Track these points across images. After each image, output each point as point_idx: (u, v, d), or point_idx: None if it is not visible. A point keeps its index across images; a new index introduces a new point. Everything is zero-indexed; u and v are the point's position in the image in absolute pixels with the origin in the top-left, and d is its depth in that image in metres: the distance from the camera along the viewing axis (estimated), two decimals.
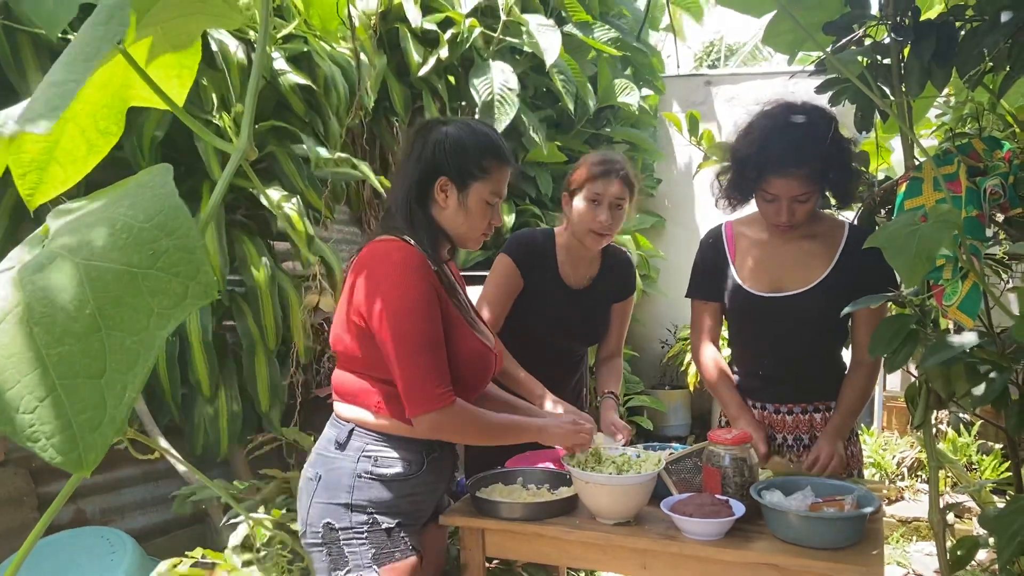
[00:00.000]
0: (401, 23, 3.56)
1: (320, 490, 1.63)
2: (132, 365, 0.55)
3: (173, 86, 0.94)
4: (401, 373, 1.55)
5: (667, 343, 5.52)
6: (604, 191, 2.18)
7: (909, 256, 1.32)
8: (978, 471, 4.04)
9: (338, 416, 1.71)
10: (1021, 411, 1.36)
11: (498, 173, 1.70)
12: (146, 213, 0.61)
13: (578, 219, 2.22)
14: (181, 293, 0.58)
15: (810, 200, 1.97)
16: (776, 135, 1.95)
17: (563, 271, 2.33)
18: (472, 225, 1.70)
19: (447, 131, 1.67)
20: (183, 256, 0.58)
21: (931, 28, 1.61)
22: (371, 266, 1.59)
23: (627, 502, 1.67)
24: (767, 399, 2.13)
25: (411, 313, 1.54)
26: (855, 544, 1.54)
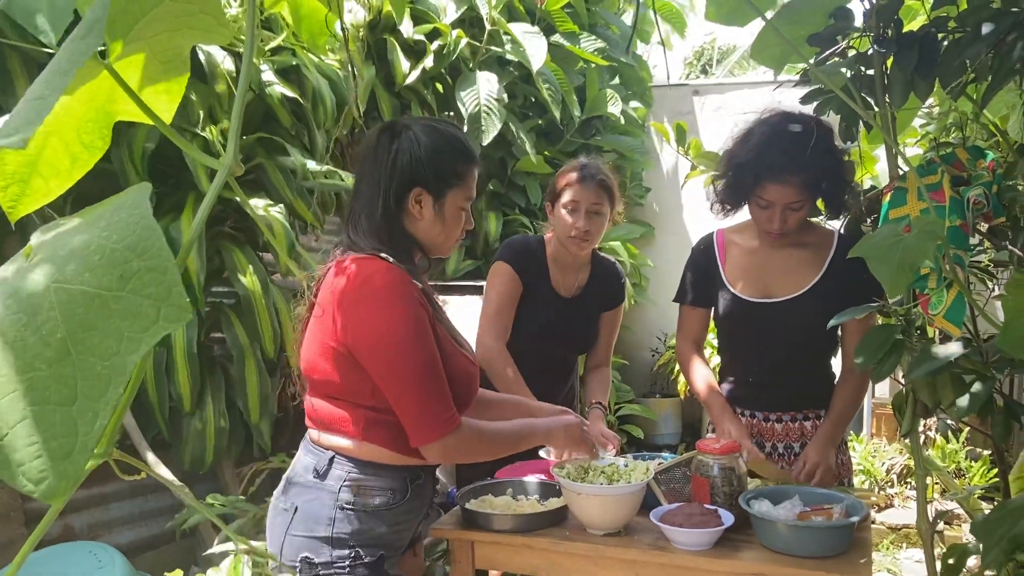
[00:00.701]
0: (389, 34, 3.57)
1: (297, 522, 1.52)
2: (103, 391, 0.54)
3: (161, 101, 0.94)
4: (403, 404, 1.47)
5: (657, 351, 5.53)
6: (581, 197, 2.21)
7: (892, 266, 1.33)
8: (967, 478, 4.05)
9: (316, 443, 1.59)
10: (1006, 419, 1.37)
11: (470, 177, 1.63)
12: (119, 234, 0.60)
13: (559, 227, 2.26)
14: (153, 316, 0.57)
15: (803, 208, 1.99)
16: (774, 142, 1.98)
17: (554, 279, 2.35)
18: (448, 234, 1.63)
19: (417, 137, 1.56)
20: (155, 277, 0.57)
21: (913, 40, 1.63)
22: (352, 291, 1.47)
23: (616, 512, 1.67)
24: (756, 407, 2.14)
25: (404, 340, 1.45)
26: (843, 553, 1.55)
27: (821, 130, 1.96)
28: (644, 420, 5.11)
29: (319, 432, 1.58)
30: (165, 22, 0.82)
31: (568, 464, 1.79)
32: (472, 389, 1.66)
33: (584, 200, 2.21)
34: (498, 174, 4.55)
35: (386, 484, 1.55)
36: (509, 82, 4.28)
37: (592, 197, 2.22)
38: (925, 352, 1.36)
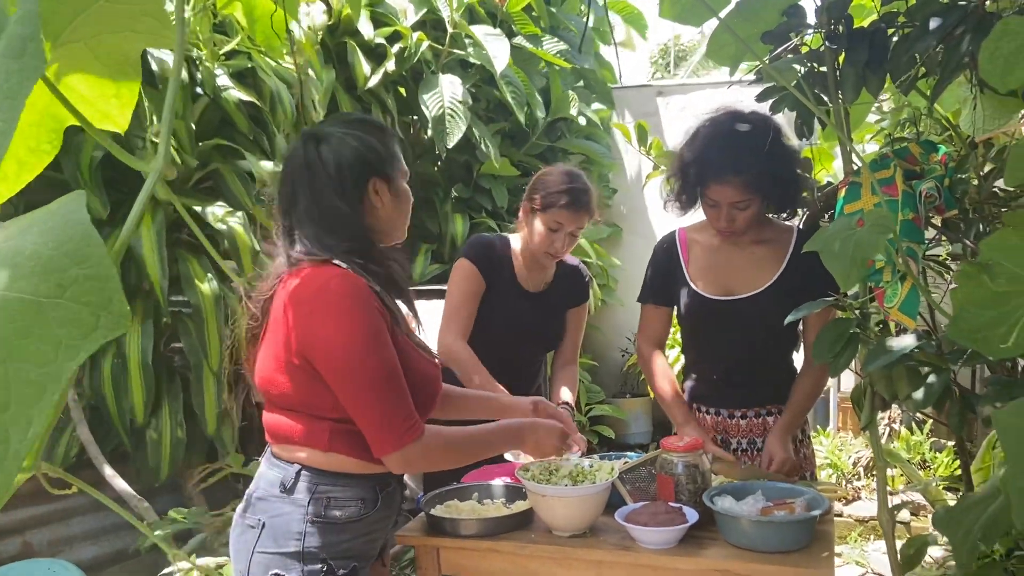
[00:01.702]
0: (350, 37, 3.55)
1: (265, 539, 1.47)
2: (38, 398, 0.53)
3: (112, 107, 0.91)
4: (362, 414, 1.44)
5: (627, 351, 5.55)
6: (566, 221, 2.22)
7: (845, 260, 1.34)
8: (932, 469, 4.11)
9: (279, 458, 1.54)
10: (962, 411, 1.38)
11: (399, 150, 1.63)
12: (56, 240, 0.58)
13: (536, 238, 2.26)
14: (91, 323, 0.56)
15: (750, 207, 2.00)
16: (717, 143, 1.99)
17: (520, 275, 2.35)
18: (402, 212, 1.62)
19: (350, 133, 1.54)
20: (94, 285, 0.56)
21: (864, 35, 1.64)
22: (306, 301, 1.44)
23: (581, 514, 1.67)
24: (720, 404, 2.15)
25: (361, 350, 1.41)
26: (806, 547, 1.56)
27: (765, 128, 1.98)
28: (615, 420, 5.12)
29: (281, 446, 1.54)
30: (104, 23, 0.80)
31: (532, 466, 1.78)
32: (434, 393, 1.63)
33: (569, 224, 2.23)
34: (463, 177, 4.53)
35: (355, 494, 1.51)
36: (472, 85, 4.27)
37: (577, 221, 2.24)
38: (880, 345, 1.37)
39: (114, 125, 0.83)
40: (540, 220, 2.24)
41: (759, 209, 2.04)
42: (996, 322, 1.17)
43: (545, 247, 2.24)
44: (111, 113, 0.83)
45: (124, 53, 0.78)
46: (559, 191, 2.21)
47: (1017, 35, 0.85)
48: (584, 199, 2.23)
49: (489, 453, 1.72)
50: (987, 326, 1.18)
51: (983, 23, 1.43)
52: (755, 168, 1.95)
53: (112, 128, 0.83)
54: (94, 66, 0.77)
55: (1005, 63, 0.85)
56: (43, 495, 2.70)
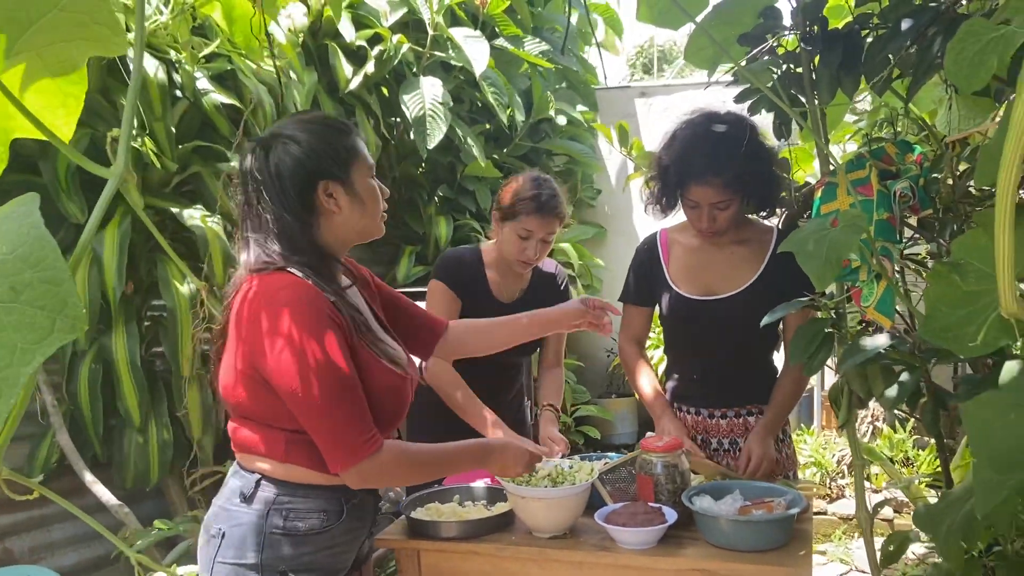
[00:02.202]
0: (331, 39, 3.54)
1: (225, 549, 1.44)
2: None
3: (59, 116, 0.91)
4: (315, 429, 1.39)
5: (612, 352, 5.56)
6: (536, 228, 2.20)
7: (820, 260, 1.35)
8: (914, 466, 4.14)
9: (241, 466, 1.51)
10: (935, 409, 1.39)
11: (361, 145, 1.54)
12: (9, 244, 0.58)
13: (508, 247, 2.25)
14: (47, 327, 0.56)
15: (730, 207, 2.01)
16: (695, 144, 2.00)
17: (494, 287, 2.34)
18: (371, 210, 1.54)
19: (293, 137, 1.47)
20: (49, 289, 0.56)
21: (838, 37, 1.66)
22: (257, 311, 1.39)
23: (561, 515, 1.67)
24: (701, 404, 2.16)
25: (313, 362, 1.35)
26: (784, 545, 1.56)
27: (743, 129, 1.99)
28: (601, 420, 5.13)
29: (243, 456, 1.51)
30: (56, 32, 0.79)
31: None
32: (402, 404, 1.56)
33: (539, 230, 2.21)
34: (447, 179, 4.53)
35: (317, 506, 1.46)
36: (455, 87, 4.27)
37: (547, 227, 2.22)
38: (855, 345, 1.38)
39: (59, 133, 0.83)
40: (510, 228, 2.22)
41: (739, 209, 2.05)
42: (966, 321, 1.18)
43: (517, 255, 2.23)
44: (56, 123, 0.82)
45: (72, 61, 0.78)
46: (526, 198, 2.19)
47: (980, 37, 0.85)
48: (552, 204, 2.21)
49: (454, 471, 1.69)
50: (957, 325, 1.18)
51: (954, 24, 1.44)
52: (733, 168, 1.96)
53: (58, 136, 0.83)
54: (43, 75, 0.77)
55: (969, 65, 0.86)
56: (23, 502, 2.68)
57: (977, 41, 0.85)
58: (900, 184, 1.63)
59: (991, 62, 0.84)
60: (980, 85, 0.85)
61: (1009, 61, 0.88)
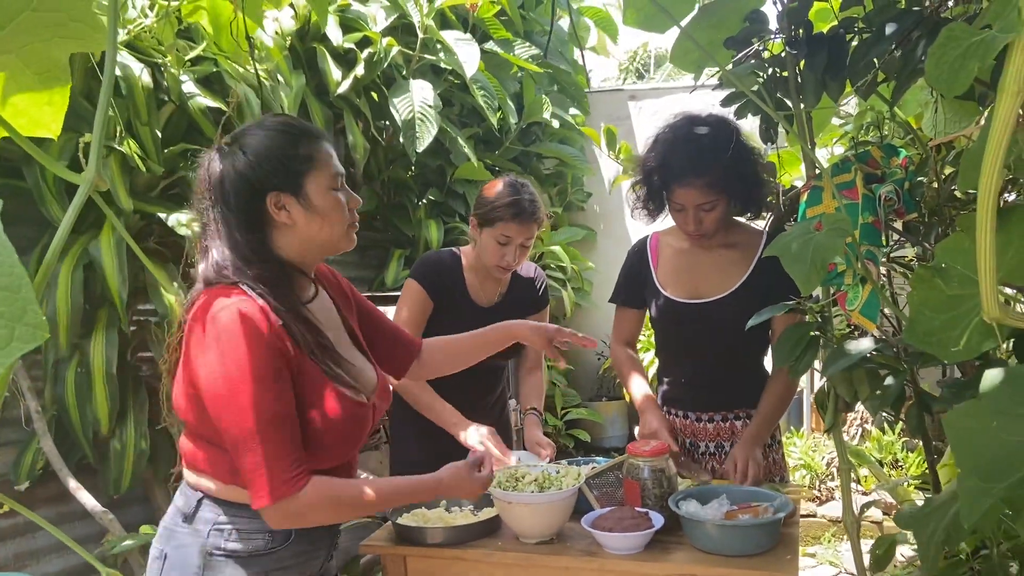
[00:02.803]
0: (319, 42, 3.53)
1: (168, 571, 1.38)
2: None
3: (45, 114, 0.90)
4: (239, 461, 1.31)
5: (602, 355, 5.55)
6: (515, 234, 2.19)
7: (805, 264, 1.35)
8: (903, 468, 4.15)
9: (188, 484, 1.45)
10: (919, 412, 1.39)
11: (322, 154, 1.42)
12: None
13: (487, 252, 2.23)
14: (6, 336, 0.54)
15: (715, 209, 2.02)
16: (677, 147, 2.01)
17: (472, 291, 2.34)
18: (332, 222, 1.42)
19: (244, 145, 1.38)
20: (6, 296, 0.55)
21: (823, 41, 1.66)
22: (196, 330, 1.33)
23: (547, 520, 1.66)
24: (689, 407, 2.16)
25: (241, 388, 1.28)
26: (771, 550, 1.56)
27: (725, 130, 2.00)
28: (591, 424, 5.13)
29: (189, 473, 1.46)
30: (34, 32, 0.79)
31: (499, 473, 1.78)
32: (357, 432, 1.46)
33: (517, 236, 2.20)
34: (437, 182, 4.52)
35: (262, 526, 1.38)
36: (445, 90, 4.26)
37: (526, 233, 2.21)
38: (839, 349, 1.38)
39: (47, 131, 0.82)
40: (488, 235, 2.21)
41: (726, 210, 2.06)
42: (949, 325, 1.17)
43: (496, 261, 2.22)
44: (44, 120, 0.82)
45: (53, 59, 0.77)
46: (504, 204, 2.18)
47: (960, 41, 0.85)
48: (530, 209, 2.20)
49: (396, 504, 1.64)
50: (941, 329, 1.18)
51: (938, 28, 1.44)
52: (716, 169, 1.97)
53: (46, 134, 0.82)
54: (25, 75, 0.76)
55: (950, 69, 0.86)
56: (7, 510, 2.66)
57: (958, 46, 0.85)
58: (885, 188, 1.63)
59: (972, 66, 0.84)
60: (961, 90, 0.85)
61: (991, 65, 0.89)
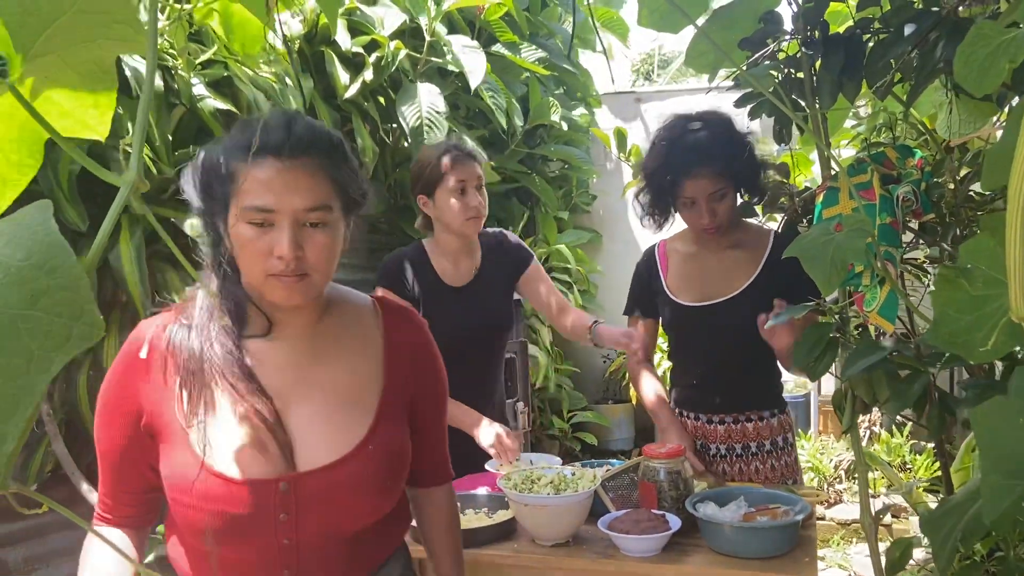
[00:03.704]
0: (327, 46, 3.53)
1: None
2: (12, 413, 0.53)
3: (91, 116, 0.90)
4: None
5: (608, 357, 5.55)
6: (466, 176, 2.17)
7: (825, 265, 1.34)
8: (912, 471, 4.14)
9: None
10: (941, 414, 1.38)
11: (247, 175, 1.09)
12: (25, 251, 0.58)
13: (449, 213, 2.19)
14: (64, 335, 0.55)
15: (726, 197, 2.03)
16: (678, 142, 2.04)
17: (443, 274, 2.29)
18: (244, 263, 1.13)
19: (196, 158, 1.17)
20: (66, 296, 0.56)
21: (839, 41, 1.65)
22: None
23: (563, 522, 1.66)
24: (700, 409, 2.16)
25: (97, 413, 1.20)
26: (789, 552, 1.56)
27: (719, 120, 2.05)
28: (597, 427, 5.12)
29: None
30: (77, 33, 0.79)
31: (514, 475, 1.77)
32: (221, 518, 1.10)
33: (470, 178, 2.18)
34: None
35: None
36: (452, 92, 4.26)
37: (472, 171, 2.19)
38: (859, 350, 1.38)
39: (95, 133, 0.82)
40: (441, 195, 2.18)
41: (735, 200, 2.06)
42: (975, 326, 1.17)
43: (463, 213, 2.17)
44: (90, 122, 0.81)
45: (98, 61, 0.77)
46: (438, 157, 2.19)
47: (990, 40, 0.85)
48: (464, 149, 2.22)
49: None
50: (966, 330, 1.18)
51: (957, 28, 1.44)
52: (720, 155, 1.99)
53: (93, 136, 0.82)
54: (70, 76, 0.76)
55: (979, 68, 0.86)
56: (15, 512, 2.65)
57: (987, 45, 0.85)
58: (903, 188, 1.63)
59: (1001, 65, 0.83)
60: (991, 89, 0.85)
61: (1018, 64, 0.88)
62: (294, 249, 1.08)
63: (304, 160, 1.11)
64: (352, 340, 1.26)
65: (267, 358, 1.19)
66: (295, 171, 1.10)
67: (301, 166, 1.10)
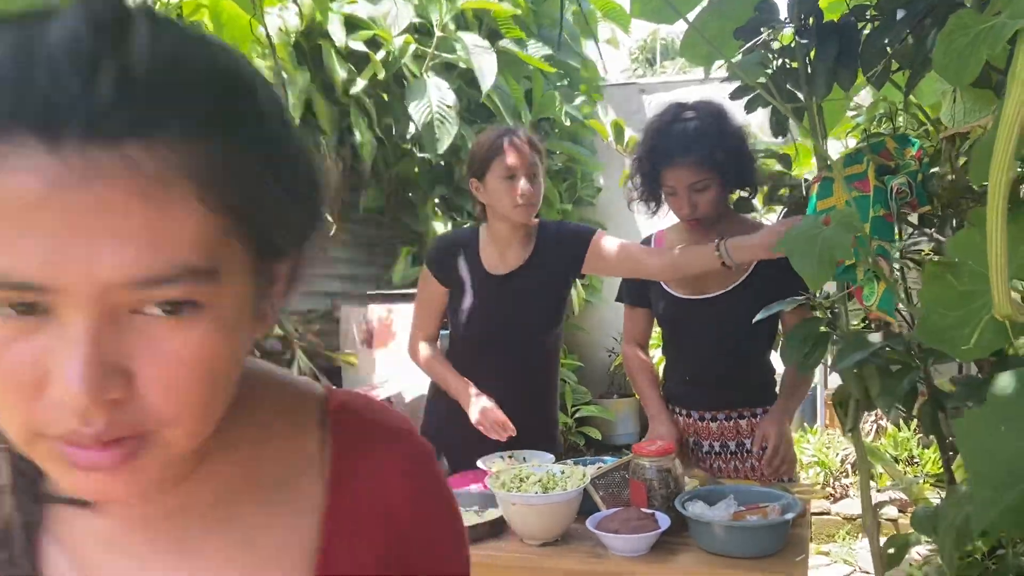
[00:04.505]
0: (324, 40, 3.51)
1: None
2: None
3: None
4: None
5: (613, 352, 5.52)
6: (517, 163, 2.06)
7: (813, 260, 1.31)
8: (919, 465, 4.09)
9: None
10: (932, 410, 1.35)
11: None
12: None
13: (499, 199, 2.08)
14: None
15: (708, 189, 2.01)
16: (664, 131, 2.04)
17: (487, 261, 2.19)
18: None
19: None
20: None
21: (833, 29, 1.62)
22: None
23: (552, 521, 1.64)
24: (692, 406, 2.13)
25: None
26: (779, 551, 1.53)
27: (708, 111, 2.04)
28: (602, 421, 5.10)
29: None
30: None
31: (503, 474, 1.75)
32: None
33: (520, 165, 2.06)
34: (445, 179, 4.50)
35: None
36: (455, 87, 4.23)
37: (525, 159, 2.07)
38: (849, 345, 1.35)
39: None
40: (492, 180, 2.07)
41: (720, 192, 2.04)
42: (961, 322, 1.14)
43: (512, 201, 2.06)
44: None
45: None
46: (491, 141, 2.09)
47: (969, 29, 0.82)
48: (520, 136, 2.10)
49: None
50: (953, 326, 1.15)
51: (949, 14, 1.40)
52: (703, 147, 1.97)
53: None
54: None
55: (959, 57, 0.82)
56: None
57: (966, 33, 0.82)
58: (897, 180, 1.59)
59: (981, 55, 0.80)
60: (970, 79, 0.81)
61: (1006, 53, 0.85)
62: (97, 382, 0.43)
63: (133, 152, 0.42)
64: (262, 497, 0.61)
65: (86, 539, 0.57)
66: (101, 189, 0.41)
67: (122, 173, 0.42)
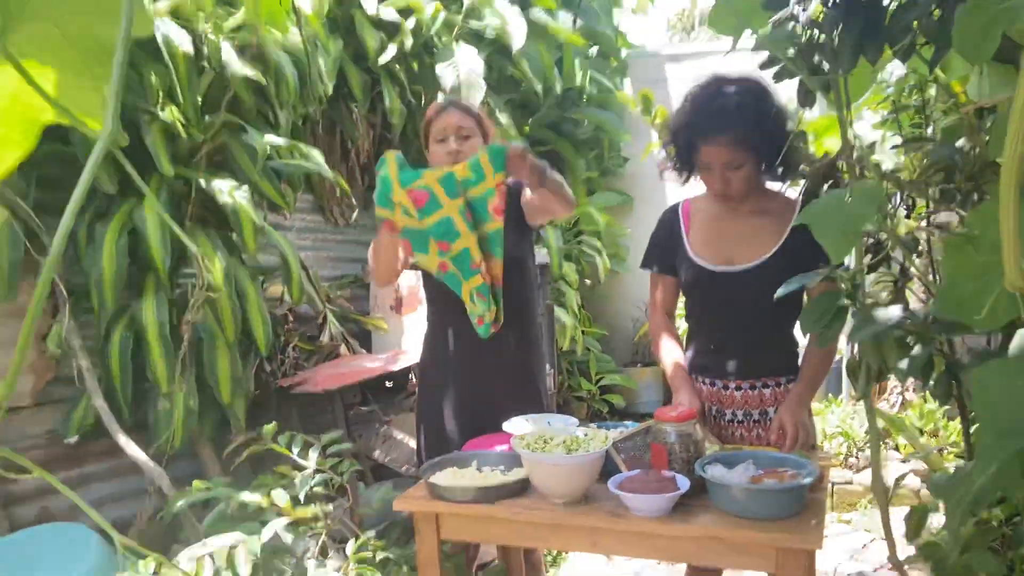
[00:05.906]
0: (356, 9, 3.54)
1: None
2: None
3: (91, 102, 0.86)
4: None
5: (638, 321, 5.56)
6: (445, 124, 2.27)
7: (835, 232, 1.35)
8: (943, 436, 4.10)
9: None
10: (948, 379, 1.39)
11: None
12: None
13: (434, 161, 2.29)
14: None
15: (742, 168, 2.00)
16: (704, 104, 2.02)
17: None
18: None
19: None
20: None
21: (861, 3, 1.63)
22: None
23: (575, 481, 1.69)
24: (717, 375, 2.16)
25: None
26: (796, 515, 1.57)
27: (752, 89, 2.00)
28: (626, 389, 5.15)
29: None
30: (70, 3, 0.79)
31: (528, 435, 1.81)
32: None
33: (449, 126, 2.27)
34: None
35: None
36: (485, 56, 4.25)
37: (456, 120, 2.27)
38: (866, 317, 1.38)
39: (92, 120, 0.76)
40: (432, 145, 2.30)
41: (754, 171, 2.03)
42: (981, 293, 1.17)
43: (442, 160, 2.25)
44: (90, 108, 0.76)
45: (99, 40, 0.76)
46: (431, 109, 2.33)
47: (987, 8, 0.84)
48: (452, 102, 2.34)
49: None
50: (972, 297, 1.18)
51: None
52: (742, 126, 1.95)
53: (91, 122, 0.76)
54: (67, 52, 0.74)
55: (976, 36, 0.85)
56: (60, 462, 2.78)
57: (984, 13, 0.84)
58: None
59: (996, 33, 0.83)
60: (987, 57, 0.84)
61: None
62: None
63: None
64: None
65: None
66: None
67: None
